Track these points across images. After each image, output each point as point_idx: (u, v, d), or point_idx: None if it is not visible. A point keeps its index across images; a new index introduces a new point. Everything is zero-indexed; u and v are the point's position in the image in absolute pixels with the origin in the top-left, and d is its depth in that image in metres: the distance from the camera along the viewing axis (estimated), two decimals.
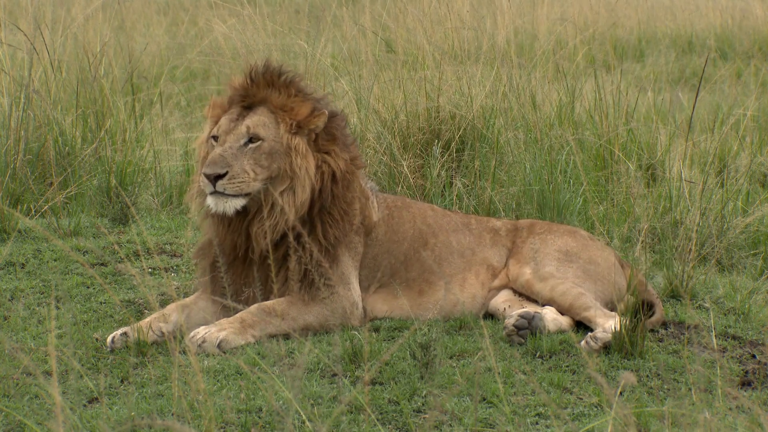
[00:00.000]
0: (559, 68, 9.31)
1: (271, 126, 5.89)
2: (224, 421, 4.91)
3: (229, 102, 6.01)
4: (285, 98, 5.94)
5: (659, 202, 7.84)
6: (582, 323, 6.01)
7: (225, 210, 5.81)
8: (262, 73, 5.96)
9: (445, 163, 8.11)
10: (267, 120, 5.90)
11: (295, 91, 5.97)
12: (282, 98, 5.94)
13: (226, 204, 5.80)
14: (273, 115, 5.92)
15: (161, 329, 5.77)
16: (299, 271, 5.86)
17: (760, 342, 6.02)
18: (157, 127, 9.72)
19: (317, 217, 5.94)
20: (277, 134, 5.88)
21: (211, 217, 5.95)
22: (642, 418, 5.01)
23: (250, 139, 5.85)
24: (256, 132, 5.86)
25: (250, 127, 5.86)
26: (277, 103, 5.93)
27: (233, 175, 5.78)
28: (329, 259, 5.93)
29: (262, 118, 5.90)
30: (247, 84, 5.97)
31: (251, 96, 5.95)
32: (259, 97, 5.94)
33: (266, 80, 5.97)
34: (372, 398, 5.14)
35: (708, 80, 13.41)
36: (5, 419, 4.98)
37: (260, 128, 5.87)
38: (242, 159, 5.81)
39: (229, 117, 5.94)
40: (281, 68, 6.00)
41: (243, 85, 5.98)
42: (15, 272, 6.80)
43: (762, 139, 9.66)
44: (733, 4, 16.99)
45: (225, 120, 5.93)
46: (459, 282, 6.19)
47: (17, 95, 8.35)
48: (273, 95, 5.94)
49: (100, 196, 8.10)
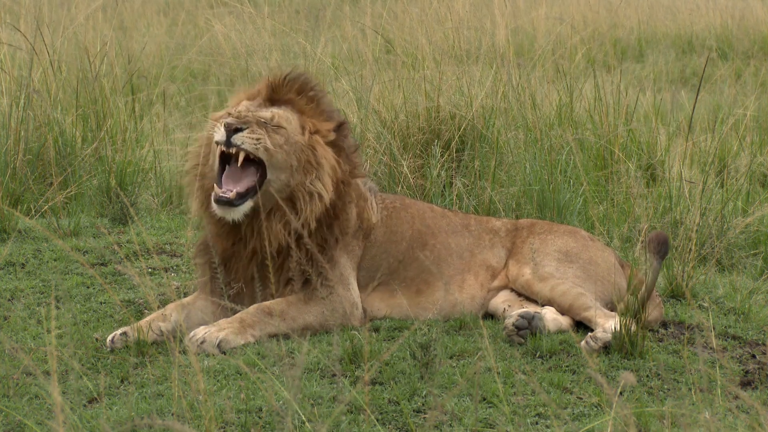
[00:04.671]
0: (559, 68, 9.31)
1: (294, 123, 5.87)
2: (224, 421, 4.91)
3: (255, 93, 5.97)
4: (311, 110, 5.94)
5: (659, 202, 7.84)
6: (582, 323, 6.01)
7: (233, 217, 5.79)
8: (296, 79, 5.95)
9: (445, 163, 8.11)
10: (291, 117, 5.88)
11: (321, 108, 5.97)
12: (308, 108, 5.94)
13: (233, 213, 5.77)
14: (297, 115, 5.90)
15: (161, 328, 5.77)
16: (299, 271, 5.86)
17: (760, 342, 6.02)
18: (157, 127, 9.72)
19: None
20: (299, 131, 5.86)
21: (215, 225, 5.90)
22: (642, 418, 5.01)
23: (272, 125, 5.82)
24: (279, 122, 5.82)
25: (275, 116, 5.83)
26: (302, 109, 5.92)
27: (253, 130, 5.74)
28: (328, 260, 5.93)
29: (287, 114, 5.87)
30: (279, 83, 5.94)
31: (278, 94, 5.93)
32: (286, 97, 5.93)
33: (298, 87, 5.95)
34: (372, 398, 5.14)
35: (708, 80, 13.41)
36: (5, 419, 4.98)
37: (284, 120, 5.84)
38: (263, 129, 5.77)
39: (249, 104, 5.89)
40: (313, 84, 5.99)
41: (275, 83, 5.95)
42: (15, 272, 6.80)
43: (762, 139, 9.67)
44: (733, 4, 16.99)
45: (245, 105, 5.88)
46: (458, 282, 6.19)
47: (17, 95, 8.35)
48: (300, 101, 5.94)
49: (100, 196, 8.10)
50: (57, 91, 8.89)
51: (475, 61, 8.84)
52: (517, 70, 8.68)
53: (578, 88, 8.96)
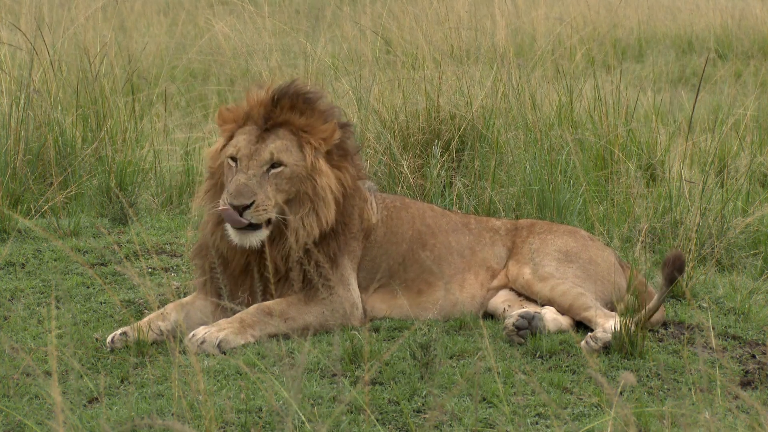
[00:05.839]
0: (559, 68, 9.31)
1: (294, 150, 5.85)
2: (224, 421, 4.91)
3: (245, 117, 5.94)
4: (306, 119, 5.91)
5: (659, 202, 7.84)
6: (582, 323, 6.01)
7: (251, 244, 5.79)
8: (287, 95, 5.92)
9: (445, 163, 8.11)
10: (289, 144, 5.85)
11: (317, 111, 5.95)
12: (303, 120, 5.90)
13: (252, 238, 5.78)
14: (295, 138, 5.88)
15: (161, 328, 5.77)
16: (299, 272, 5.86)
17: (760, 342, 6.02)
18: (157, 127, 9.72)
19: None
20: (300, 158, 5.85)
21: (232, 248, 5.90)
22: (642, 418, 5.01)
23: (272, 165, 5.82)
24: (279, 158, 5.81)
25: (274, 153, 5.81)
26: (298, 125, 5.90)
27: (258, 204, 5.75)
28: (329, 261, 5.93)
29: (284, 142, 5.84)
30: (271, 105, 5.92)
31: (273, 118, 5.90)
32: (281, 119, 5.90)
33: (291, 102, 5.92)
34: (372, 398, 5.14)
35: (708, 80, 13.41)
36: (5, 419, 4.98)
37: (283, 154, 5.82)
38: (266, 186, 5.78)
39: (247, 138, 5.86)
40: (307, 90, 5.97)
41: (266, 105, 5.92)
42: (15, 272, 6.80)
43: (762, 139, 9.66)
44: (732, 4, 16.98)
45: (244, 141, 5.85)
46: (458, 282, 6.19)
47: (17, 95, 8.35)
48: (295, 117, 5.90)
49: (100, 196, 8.09)
50: (57, 91, 8.89)
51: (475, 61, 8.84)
52: (517, 71, 8.67)
53: (578, 88, 8.96)
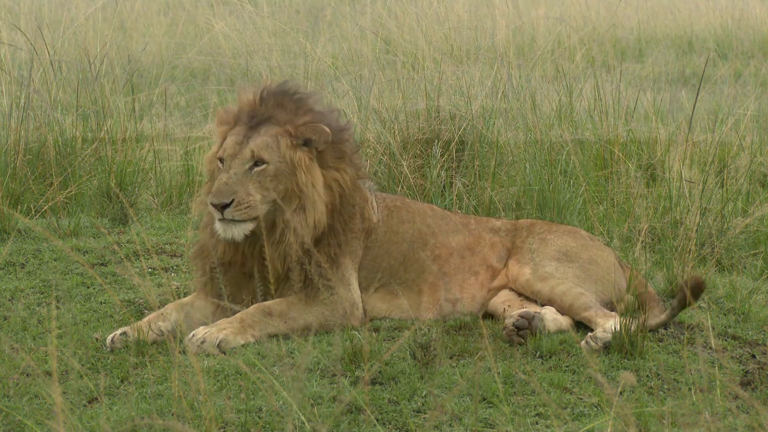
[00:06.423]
0: (559, 68, 9.31)
1: (275, 146, 5.86)
2: (224, 421, 4.91)
3: (236, 119, 5.97)
4: (290, 116, 5.91)
5: (659, 202, 7.84)
6: (582, 323, 6.01)
7: (234, 236, 5.79)
8: (273, 93, 5.94)
9: (445, 163, 8.11)
10: (270, 140, 5.85)
11: (305, 109, 5.94)
12: (287, 115, 5.91)
13: (234, 230, 5.78)
14: (276, 133, 5.89)
15: (161, 328, 5.78)
16: (299, 272, 5.86)
17: (760, 342, 6.02)
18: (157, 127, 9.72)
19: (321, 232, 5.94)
20: (281, 153, 5.85)
21: (221, 242, 5.91)
22: (642, 418, 5.01)
23: (255, 163, 5.82)
24: (260, 155, 5.82)
25: (255, 151, 5.81)
26: (280, 120, 5.90)
27: (239, 202, 5.75)
28: (329, 260, 5.93)
29: (265, 138, 5.85)
30: (256, 103, 5.94)
31: (259, 115, 5.91)
32: (266, 116, 5.91)
33: (276, 100, 5.93)
34: (372, 398, 5.14)
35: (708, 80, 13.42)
36: (5, 419, 4.98)
37: (264, 151, 5.83)
38: (247, 184, 5.78)
39: (234, 138, 5.87)
40: (296, 89, 5.97)
41: (251, 103, 5.95)
42: (15, 272, 6.80)
43: (762, 139, 9.66)
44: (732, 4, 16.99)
45: (230, 141, 5.87)
46: (458, 282, 6.19)
47: (17, 95, 8.36)
48: (279, 113, 5.92)
49: (100, 196, 8.10)
50: (57, 91, 8.89)
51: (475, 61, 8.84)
52: (517, 70, 8.68)
53: (578, 88, 8.96)
